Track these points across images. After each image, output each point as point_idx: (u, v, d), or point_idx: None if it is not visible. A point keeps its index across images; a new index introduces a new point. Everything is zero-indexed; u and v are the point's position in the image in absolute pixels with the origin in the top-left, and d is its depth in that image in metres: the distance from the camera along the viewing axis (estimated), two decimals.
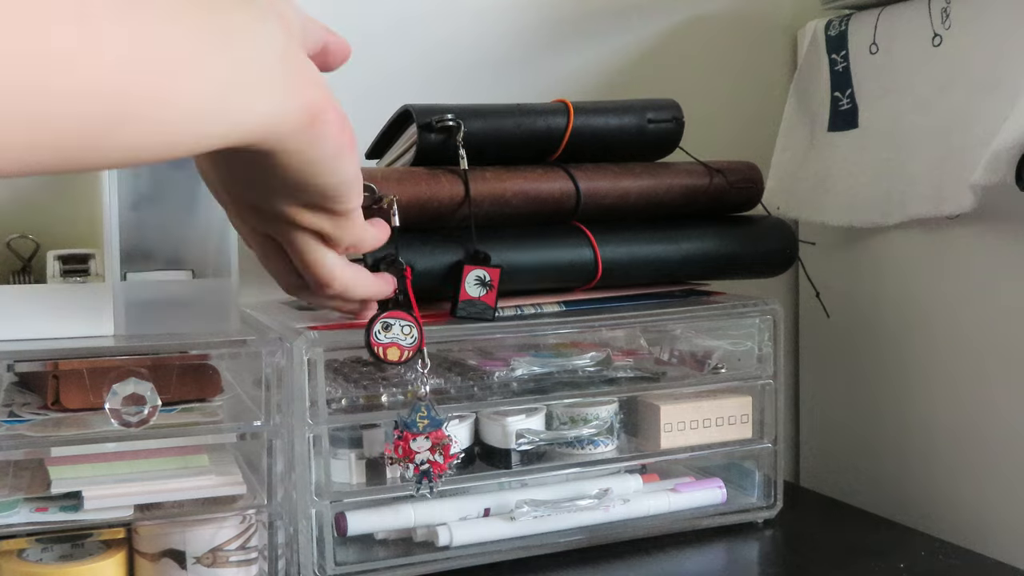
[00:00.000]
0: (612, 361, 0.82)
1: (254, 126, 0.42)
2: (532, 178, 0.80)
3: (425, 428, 0.71)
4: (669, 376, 0.85)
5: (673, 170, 0.86)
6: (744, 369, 0.86)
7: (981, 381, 0.90)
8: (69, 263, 0.75)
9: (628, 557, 0.79)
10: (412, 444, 0.71)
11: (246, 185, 0.52)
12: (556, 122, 0.82)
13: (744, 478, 0.88)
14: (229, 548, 0.69)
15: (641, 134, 0.86)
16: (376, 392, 0.74)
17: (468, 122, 0.77)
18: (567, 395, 0.79)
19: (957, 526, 0.91)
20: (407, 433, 0.71)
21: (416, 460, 0.71)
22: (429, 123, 0.77)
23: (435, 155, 0.78)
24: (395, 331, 0.70)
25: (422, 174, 0.76)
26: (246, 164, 0.48)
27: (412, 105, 0.78)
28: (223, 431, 0.70)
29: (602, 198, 0.82)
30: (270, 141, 0.44)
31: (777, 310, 0.85)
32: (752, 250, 0.88)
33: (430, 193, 0.75)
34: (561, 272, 0.80)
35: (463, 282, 0.74)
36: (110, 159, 0.36)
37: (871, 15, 0.96)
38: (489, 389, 0.77)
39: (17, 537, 0.65)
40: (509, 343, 0.80)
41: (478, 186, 0.77)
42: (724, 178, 0.87)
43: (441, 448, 0.71)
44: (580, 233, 0.81)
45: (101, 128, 0.34)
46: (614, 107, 0.85)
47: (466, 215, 0.76)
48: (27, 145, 0.32)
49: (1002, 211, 0.85)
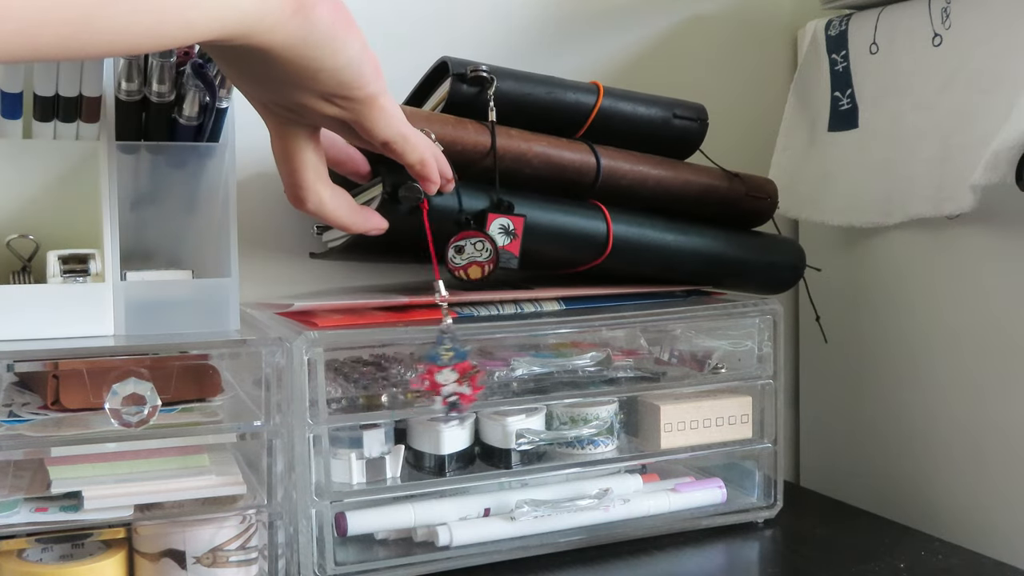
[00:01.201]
0: (612, 361, 0.82)
1: (239, 16, 0.42)
2: (556, 144, 0.80)
3: (450, 360, 0.70)
4: (669, 376, 0.85)
5: (692, 167, 0.87)
6: (744, 369, 0.86)
7: (981, 381, 0.90)
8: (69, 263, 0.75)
9: (628, 557, 0.79)
10: (438, 377, 0.69)
11: (262, 84, 0.52)
12: (585, 99, 0.83)
13: (744, 478, 0.88)
14: (229, 548, 0.69)
15: (665, 127, 0.87)
16: (376, 392, 0.74)
17: (501, 81, 0.78)
18: (567, 395, 0.79)
19: (957, 526, 0.91)
20: (432, 366, 0.70)
21: (443, 392, 0.70)
22: (463, 73, 0.78)
23: (465, 108, 0.78)
24: (468, 251, 0.71)
25: (449, 119, 0.77)
26: (252, 63, 0.48)
27: (449, 57, 0.79)
28: (223, 431, 0.70)
29: (620, 177, 0.83)
30: (259, 32, 0.44)
31: (777, 310, 0.85)
32: (759, 260, 0.89)
33: (455, 136, 0.75)
34: (573, 239, 0.80)
35: (487, 230, 0.74)
36: (104, 41, 0.37)
37: (871, 15, 0.96)
38: (489, 389, 0.77)
39: (17, 537, 0.65)
40: (509, 343, 0.80)
41: (503, 141, 0.77)
42: (742, 184, 0.88)
43: (468, 379, 0.70)
44: (596, 208, 0.82)
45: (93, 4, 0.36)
46: (643, 97, 0.87)
47: (488, 166, 0.76)
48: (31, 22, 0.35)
49: (1002, 211, 0.85)
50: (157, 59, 0.73)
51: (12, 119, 0.73)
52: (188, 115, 0.75)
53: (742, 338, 0.86)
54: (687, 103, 0.89)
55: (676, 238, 0.85)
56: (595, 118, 0.83)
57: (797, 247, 0.92)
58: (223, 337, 0.71)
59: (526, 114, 0.81)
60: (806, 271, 0.94)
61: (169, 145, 0.76)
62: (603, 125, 0.84)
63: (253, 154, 0.89)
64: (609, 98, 0.84)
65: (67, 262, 0.75)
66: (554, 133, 0.82)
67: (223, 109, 0.77)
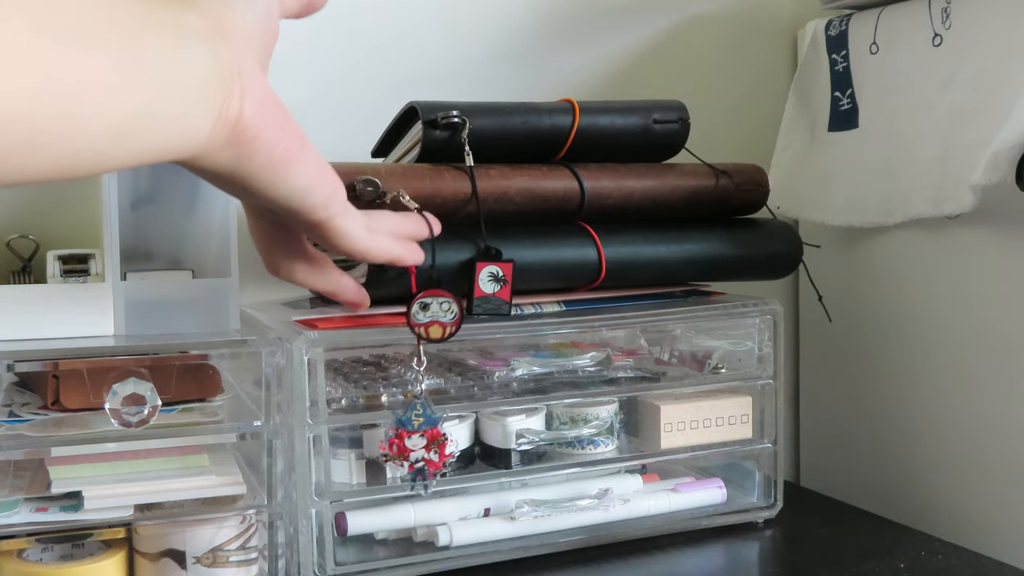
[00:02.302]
0: (612, 361, 0.82)
1: (169, 147, 0.41)
2: (537, 176, 0.80)
3: (420, 426, 0.71)
4: (669, 376, 0.85)
5: (678, 171, 0.86)
6: (744, 369, 0.86)
7: (981, 381, 0.90)
8: (69, 263, 0.75)
9: (628, 557, 0.79)
10: (407, 442, 0.71)
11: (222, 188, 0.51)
12: (562, 121, 0.82)
13: (744, 478, 0.88)
14: (229, 548, 0.69)
15: (646, 134, 0.85)
16: (376, 392, 0.74)
17: (473, 119, 0.77)
18: (567, 395, 0.79)
19: (957, 526, 0.91)
20: (402, 431, 0.71)
21: (411, 458, 0.71)
22: (434, 119, 0.77)
23: (440, 152, 0.77)
24: (433, 309, 0.70)
25: (425, 170, 0.76)
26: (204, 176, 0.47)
27: (417, 102, 0.78)
28: (223, 431, 0.70)
29: (606, 198, 0.82)
30: (197, 159, 0.44)
31: (777, 310, 0.85)
32: (757, 253, 0.88)
33: (433, 188, 0.75)
34: (565, 272, 0.80)
35: (476, 279, 0.74)
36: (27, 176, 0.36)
37: (871, 15, 0.96)
38: (489, 389, 0.77)
39: (17, 537, 0.65)
40: (509, 343, 0.80)
41: (482, 183, 0.76)
42: (730, 179, 0.86)
43: (436, 446, 0.71)
44: (584, 233, 0.81)
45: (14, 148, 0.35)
46: (620, 107, 0.85)
47: (470, 212, 0.76)
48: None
49: (1002, 211, 0.85)
50: None
51: None
52: None
53: (742, 338, 0.86)
54: (665, 104, 0.87)
55: (670, 248, 0.84)
56: (574, 138, 0.82)
57: (792, 232, 0.91)
58: (223, 337, 0.71)
59: (503, 147, 0.80)
60: (806, 251, 0.92)
61: None
62: (583, 144, 0.82)
63: None
64: (586, 115, 0.82)
65: (67, 262, 0.75)
66: (534, 160, 0.81)
67: None
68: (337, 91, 0.99)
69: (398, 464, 0.71)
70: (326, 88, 0.98)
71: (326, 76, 0.98)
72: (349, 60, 0.99)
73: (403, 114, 0.81)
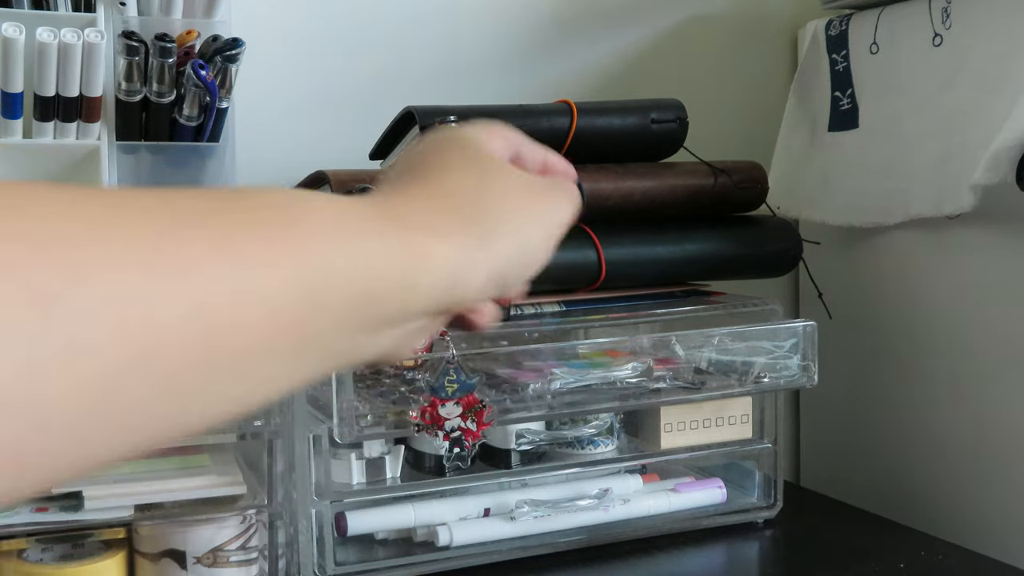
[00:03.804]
0: (653, 371, 0.79)
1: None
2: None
3: (454, 393, 0.67)
4: (709, 387, 0.82)
5: (677, 170, 0.86)
6: (783, 376, 0.84)
7: (981, 381, 0.90)
8: None
9: (628, 557, 0.79)
10: (441, 410, 0.66)
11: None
12: (559, 123, 0.82)
13: (744, 478, 0.88)
14: (229, 548, 0.69)
15: (645, 134, 0.85)
16: (404, 407, 0.70)
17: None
18: (607, 408, 0.78)
19: (957, 526, 0.91)
20: (435, 399, 0.66)
21: (446, 427, 0.66)
22: (432, 124, 0.77)
23: None
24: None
25: None
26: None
27: (415, 106, 0.78)
28: (223, 431, 0.70)
29: (605, 199, 0.82)
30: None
31: (777, 310, 0.85)
32: (757, 251, 0.88)
33: None
34: (564, 274, 0.80)
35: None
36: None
37: (871, 15, 0.96)
38: (523, 402, 0.74)
39: (17, 537, 0.65)
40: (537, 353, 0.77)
41: None
42: (729, 178, 0.86)
43: (473, 414, 0.67)
44: (583, 234, 0.81)
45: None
46: (617, 107, 0.85)
47: None
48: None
49: (1002, 211, 0.85)
50: (157, 59, 0.73)
51: (12, 119, 0.73)
52: (188, 115, 0.75)
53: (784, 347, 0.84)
54: (663, 103, 0.86)
55: (669, 249, 0.84)
56: (572, 139, 0.82)
57: (791, 229, 0.91)
58: None
59: None
60: (806, 250, 0.92)
61: (169, 145, 0.76)
62: (581, 145, 0.82)
63: (253, 154, 0.89)
64: (583, 116, 0.82)
65: None
66: None
67: (223, 109, 0.77)
68: (336, 92, 0.98)
69: (432, 434, 0.66)
70: (325, 89, 0.98)
71: (325, 77, 0.98)
72: (348, 61, 0.99)
73: (400, 118, 0.81)
